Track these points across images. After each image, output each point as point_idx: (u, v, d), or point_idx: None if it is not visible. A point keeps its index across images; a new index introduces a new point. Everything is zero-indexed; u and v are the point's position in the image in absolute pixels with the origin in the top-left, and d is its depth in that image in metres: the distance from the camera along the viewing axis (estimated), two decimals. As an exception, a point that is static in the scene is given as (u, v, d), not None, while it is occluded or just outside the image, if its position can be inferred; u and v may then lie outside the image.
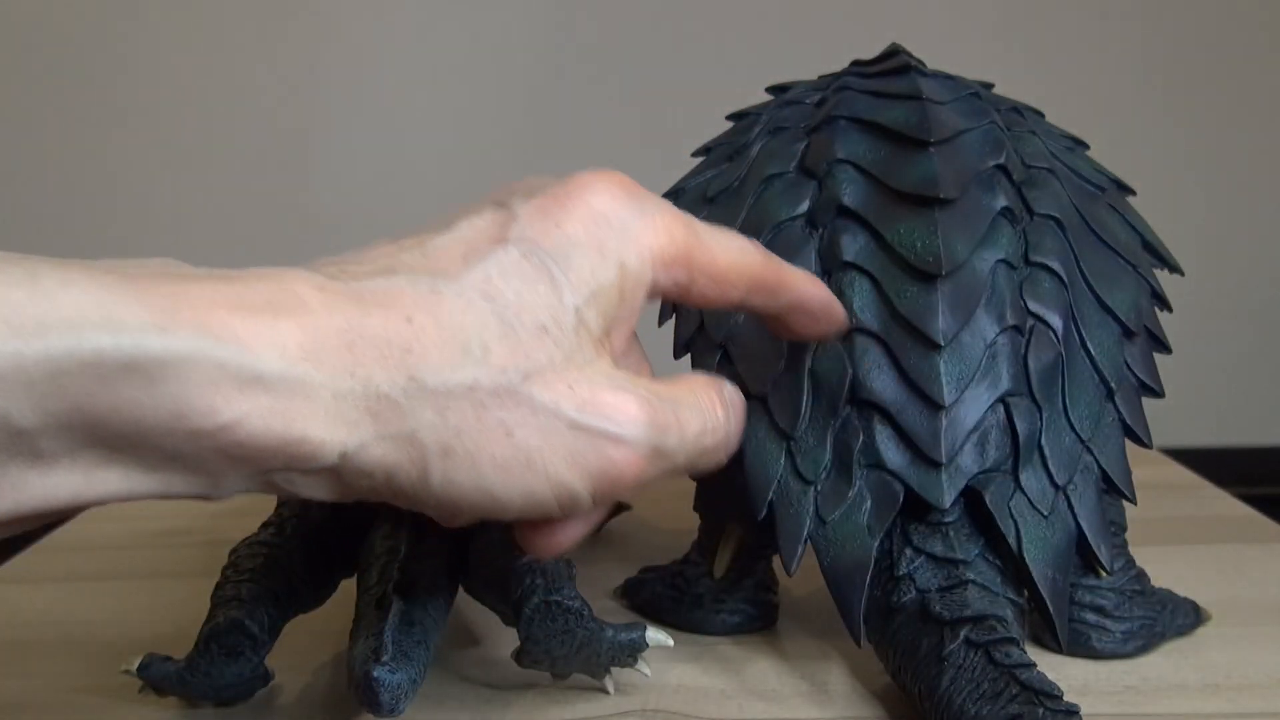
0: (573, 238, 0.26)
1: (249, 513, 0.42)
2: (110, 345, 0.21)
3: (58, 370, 0.20)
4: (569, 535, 0.28)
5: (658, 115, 1.24)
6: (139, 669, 0.35)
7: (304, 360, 0.23)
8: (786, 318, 0.31)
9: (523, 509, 0.25)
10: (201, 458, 0.22)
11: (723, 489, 0.41)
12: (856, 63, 0.44)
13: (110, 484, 0.22)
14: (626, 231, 0.26)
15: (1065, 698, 0.31)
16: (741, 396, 0.29)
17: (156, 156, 1.29)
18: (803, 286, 0.31)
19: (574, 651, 0.35)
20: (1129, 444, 0.38)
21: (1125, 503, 0.38)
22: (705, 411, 0.28)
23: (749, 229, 0.39)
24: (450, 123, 1.30)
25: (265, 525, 0.38)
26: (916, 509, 0.36)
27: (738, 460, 0.37)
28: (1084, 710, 0.31)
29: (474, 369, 0.24)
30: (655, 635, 0.35)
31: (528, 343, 0.25)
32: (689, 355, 0.39)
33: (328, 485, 0.25)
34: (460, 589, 0.38)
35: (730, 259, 0.29)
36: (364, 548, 0.38)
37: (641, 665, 0.36)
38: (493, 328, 0.24)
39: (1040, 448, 0.36)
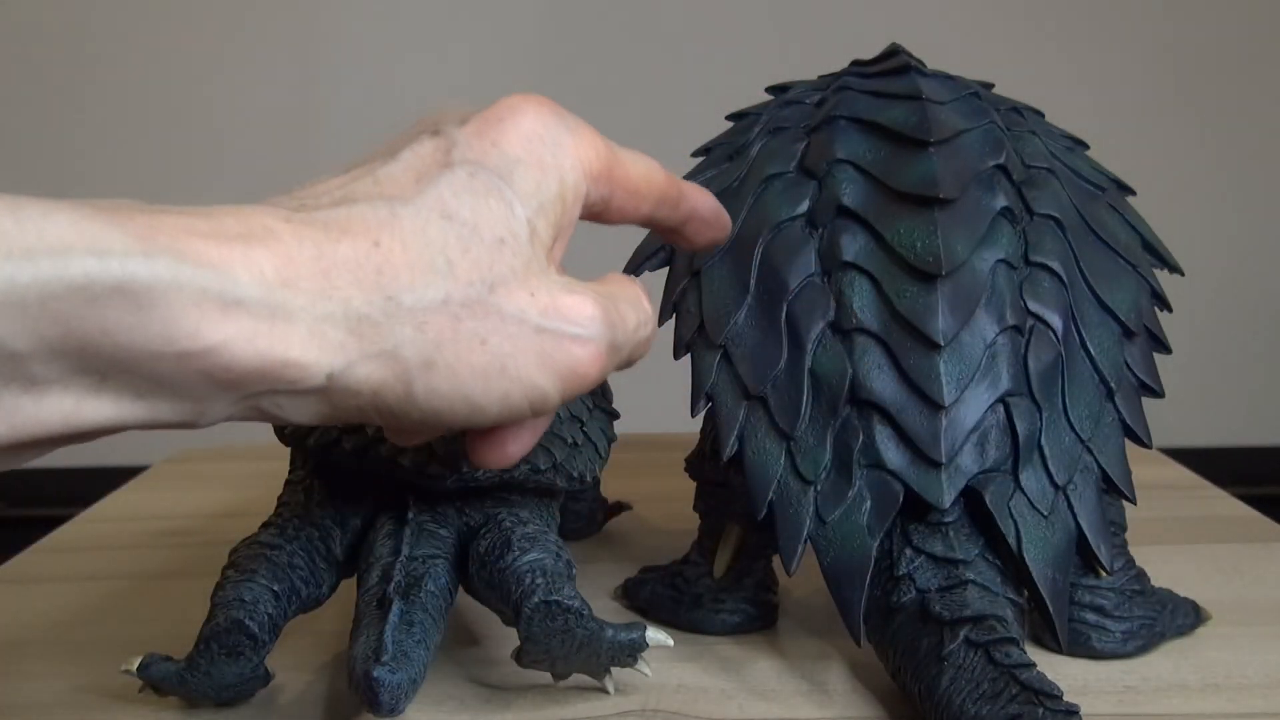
0: (513, 155, 0.27)
1: (249, 513, 0.42)
2: (98, 269, 0.21)
3: (49, 294, 0.21)
4: (521, 444, 0.29)
5: (657, 115, 1.24)
6: (139, 669, 0.35)
7: (283, 286, 0.24)
8: (684, 228, 0.33)
9: (499, 414, 0.27)
10: (189, 382, 0.23)
11: (722, 489, 0.41)
12: (856, 63, 0.44)
13: (101, 410, 0.23)
14: (560, 147, 0.28)
15: (1065, 698, 0.31)
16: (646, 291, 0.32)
17: (154, 158, 1.29)
18: (697, 197, 0.33)
19: (574, 651, 0.35)
20: (1129, 444, 0.38)
21: (1125, 503, 0.38)
22: (636, 305, 0.29)
23: (749, 229, 0.39)
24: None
25: (265, 525, 0.38)
26: (916, 509, 0.36)
27: (738, 460, 0.37)
28: (1084, 710, 0.31)
29: (444, 284, 0.25)
30: (655, 635, 0.35)
31: (488, 255, 0.26)
32: (689, 355, 0.39)
33: (315, 407, 0.25)
34: (460, 589, 0.38)
35: (640, 174, 0.31)
36: (364, 548, 0.38)
37: (641, 665, 0.36)
38: (454, 244, 0.26)
39: (1040, 448, 0.36)
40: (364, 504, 0.38)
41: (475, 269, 0.26)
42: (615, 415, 0.46)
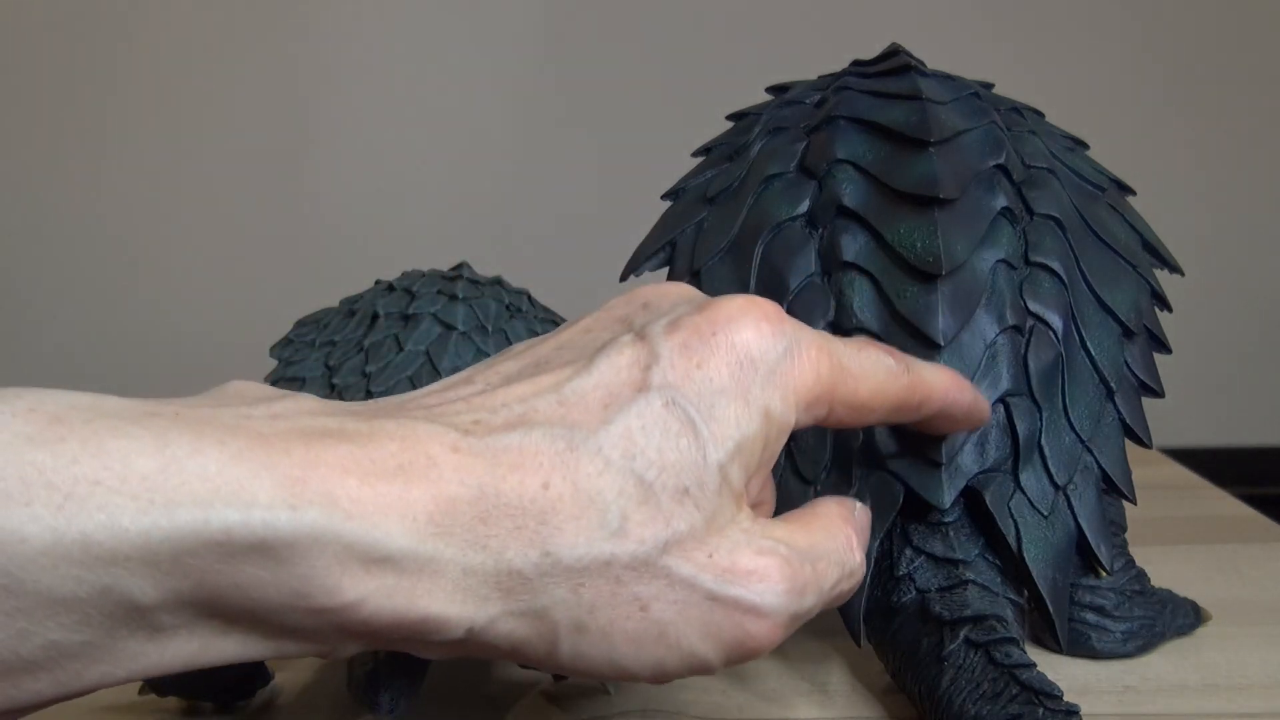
0: (717, 383, 0.24)
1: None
2: (239, 524, 0.20)
3: (184, 549, 0.20)
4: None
5: (657, 115, 1.23)
6: (139, 669, 0.35)
7: (435, 535, 0.22)
8: (927, 424, 0.31)
9: (650, 678, 0.24)
10: (320, 631, 0.22)
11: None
12: (856, 63, 0.44)
13: (226, 651, 0.22)
14: (772, 375, 0.25)
15: (1065, 698, 0.31)
16: (869, 514, 0.28)
17: (153, 159, 1.29)
18: (947, 397, 0.30)
19: (574, 651, 0.35)
20: (1129, 444, 0.38)
21: (1125, 503, 0.38)
22: (843, 559, 0.26)
23: (749, 229, 0.39)
24: (450, 121, 1.30)
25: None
26: (916, 509, 0.36)
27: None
28: (1084, 710, 0.31)
29: (611, 544, 0.23)
30: (655, 635, 0.35)
31: (668, 508, 0.23)
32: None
33: (449, 652, 0.24)
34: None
35: (872, 388, 0.27)
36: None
37: (641, 665, 0.36)
38: (631, 493, 0.23)
39: (1040, 448, 0.36)
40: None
41: (650, 525, 0.23)
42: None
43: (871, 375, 0.27)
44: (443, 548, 0.22)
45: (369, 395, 0.37)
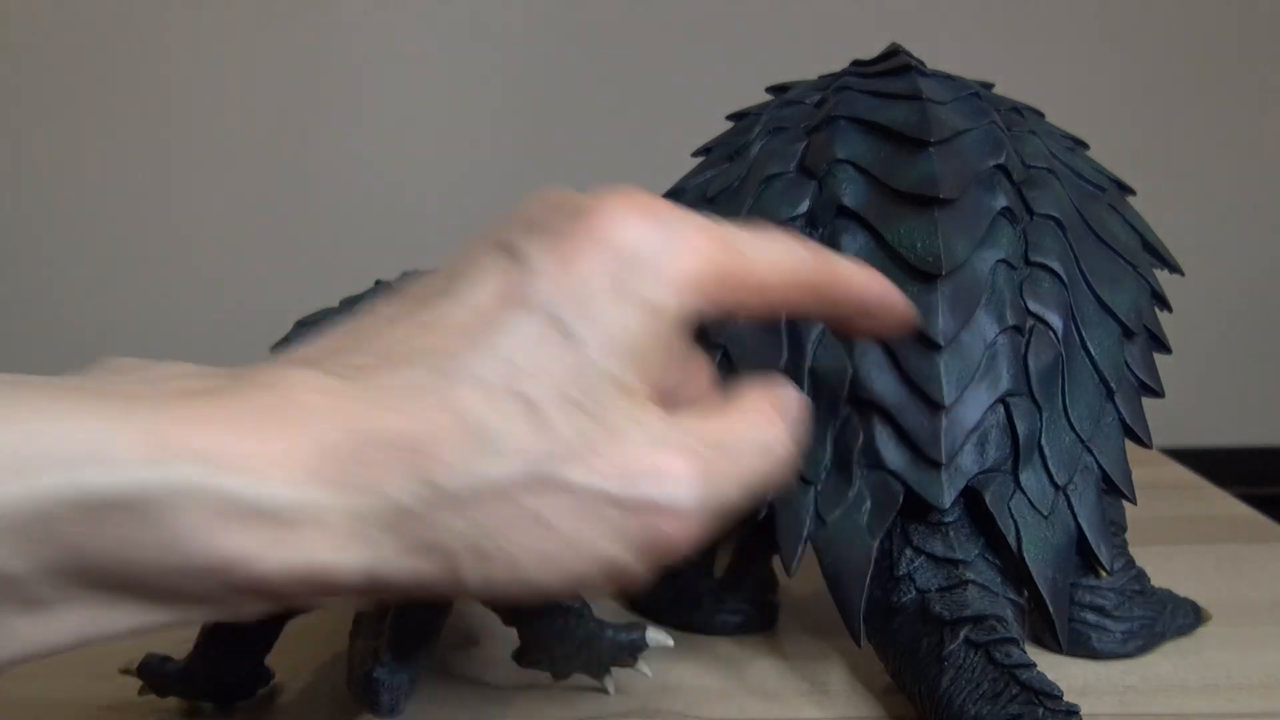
0: (592, 285, 0.23)
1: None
2: (102, 483, 0.19)
3: (47, 513, 0.19)
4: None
5: (657, 115, 1.24)
6: (139, 669, 0.35)
7: (312, 481, 0.21)
8: (846, 321, 0.29)
9: (567, 590, 0.23)
10: (214, 593, 0.21)
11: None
12: (856, 63, 0.44)
13: (119, 622, 0.21)
14: (652, 265, 0.24)
15: (1065, 698, 0.31)
16: (797, 394, 0.27)
17: (153, 159, 1.29)
18: (854, 281, 0.28)
19: (574, 651, 0.35)
20: (1129, 444, 0.38)
21: (1125, 503, 0.38)
22: (765, 441, 0.25)
23: (749, 229, 0.39)
24: (450, 121, 1.30)
25: (265, 525, 0.38)
26: (916, 509, 0.36)
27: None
28: (1084, 710, 0.31)
29: (497, 464, 0.22)
30: (655, 635, 0.35)
31: (553, 418, 0.22)
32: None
33: (356, 600, 0.23)
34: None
35: (772, 266, 0.26)
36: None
37: (641, 665, 0.36)
38: (511, 411, 0.22)
39: (1040, 448, 0.36)
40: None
41: (537, 438, 0.22)
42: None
43: (769, 256, 0.26)
44: (321, 494, 0.21)
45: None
